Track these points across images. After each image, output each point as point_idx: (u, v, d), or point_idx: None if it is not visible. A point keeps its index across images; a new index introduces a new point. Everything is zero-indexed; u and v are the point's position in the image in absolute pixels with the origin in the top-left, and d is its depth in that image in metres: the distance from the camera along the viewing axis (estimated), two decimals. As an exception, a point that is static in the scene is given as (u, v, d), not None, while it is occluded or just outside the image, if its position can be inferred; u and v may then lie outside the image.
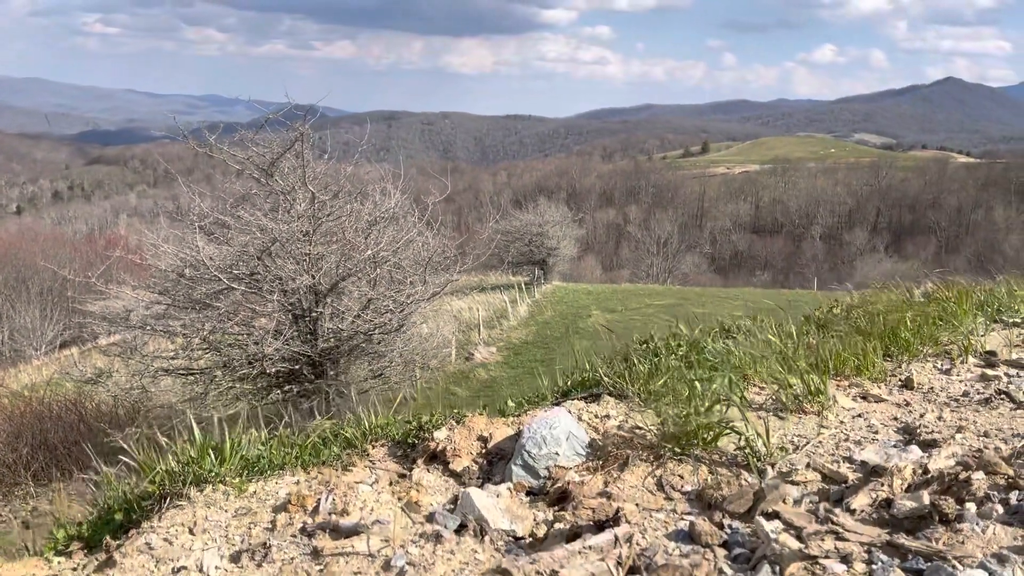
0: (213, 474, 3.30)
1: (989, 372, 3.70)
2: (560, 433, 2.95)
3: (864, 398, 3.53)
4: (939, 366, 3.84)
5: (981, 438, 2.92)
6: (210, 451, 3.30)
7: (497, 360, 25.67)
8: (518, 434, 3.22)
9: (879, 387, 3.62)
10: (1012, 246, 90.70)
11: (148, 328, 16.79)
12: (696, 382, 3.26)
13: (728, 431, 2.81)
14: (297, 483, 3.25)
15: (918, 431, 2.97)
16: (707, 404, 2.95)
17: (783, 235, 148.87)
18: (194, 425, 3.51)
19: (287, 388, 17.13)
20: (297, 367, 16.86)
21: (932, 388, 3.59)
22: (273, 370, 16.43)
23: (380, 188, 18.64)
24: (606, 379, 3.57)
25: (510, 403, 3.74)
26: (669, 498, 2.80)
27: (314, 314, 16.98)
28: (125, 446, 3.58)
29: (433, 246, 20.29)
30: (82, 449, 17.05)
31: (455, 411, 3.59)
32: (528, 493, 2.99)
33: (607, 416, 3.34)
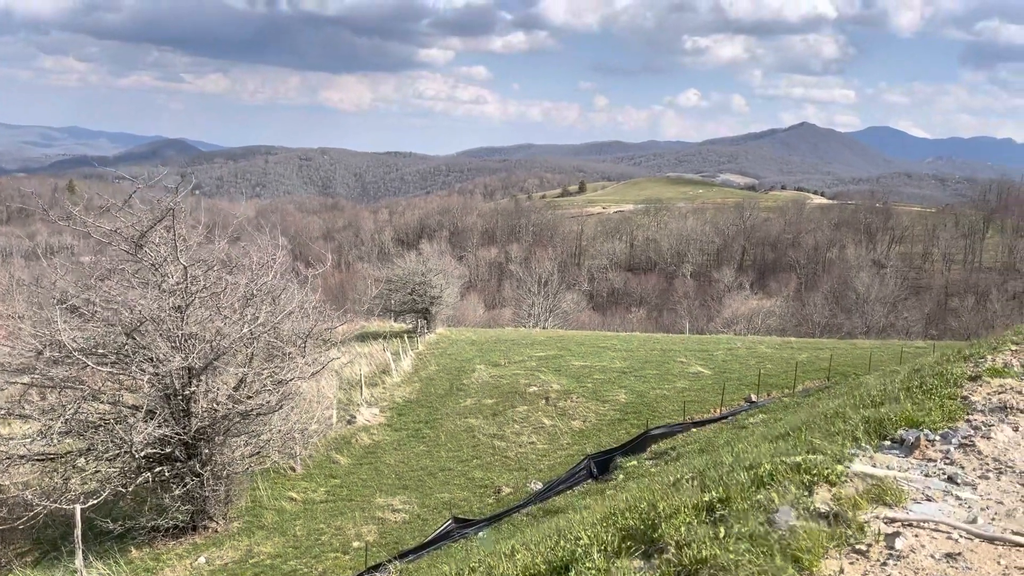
0: None
1: None
2: None
3: None
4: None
5: None
6: None
7: (380, 422, 25.27)
8: None
9: None
10: (863, 283, 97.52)
11: (2, 413, 15.65)
12: None
13: None
14: None
15: None
16: None
17: (656, 273, 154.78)
18: None
19: (158, 471, 16.30)
20: (169, 449, 16.07)
21: None
22: (142, 453, 15.63)
23: (258, 259, 18.18)
24: None
25: None
26: None
27: (187, 392, 16.29)
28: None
29: (312, 311, 19.98)
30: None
31: None
32: None
33: None
